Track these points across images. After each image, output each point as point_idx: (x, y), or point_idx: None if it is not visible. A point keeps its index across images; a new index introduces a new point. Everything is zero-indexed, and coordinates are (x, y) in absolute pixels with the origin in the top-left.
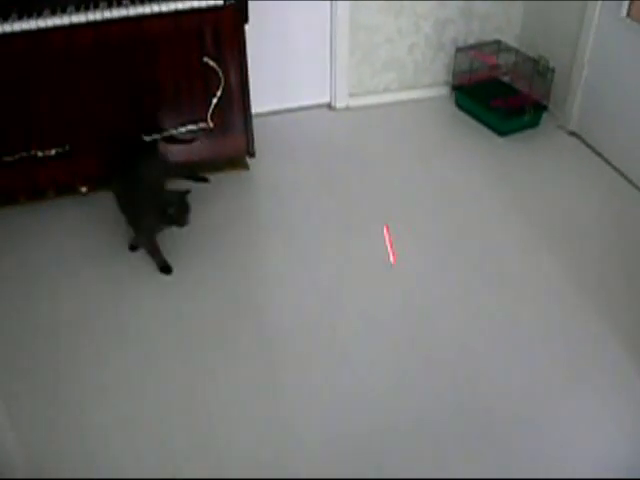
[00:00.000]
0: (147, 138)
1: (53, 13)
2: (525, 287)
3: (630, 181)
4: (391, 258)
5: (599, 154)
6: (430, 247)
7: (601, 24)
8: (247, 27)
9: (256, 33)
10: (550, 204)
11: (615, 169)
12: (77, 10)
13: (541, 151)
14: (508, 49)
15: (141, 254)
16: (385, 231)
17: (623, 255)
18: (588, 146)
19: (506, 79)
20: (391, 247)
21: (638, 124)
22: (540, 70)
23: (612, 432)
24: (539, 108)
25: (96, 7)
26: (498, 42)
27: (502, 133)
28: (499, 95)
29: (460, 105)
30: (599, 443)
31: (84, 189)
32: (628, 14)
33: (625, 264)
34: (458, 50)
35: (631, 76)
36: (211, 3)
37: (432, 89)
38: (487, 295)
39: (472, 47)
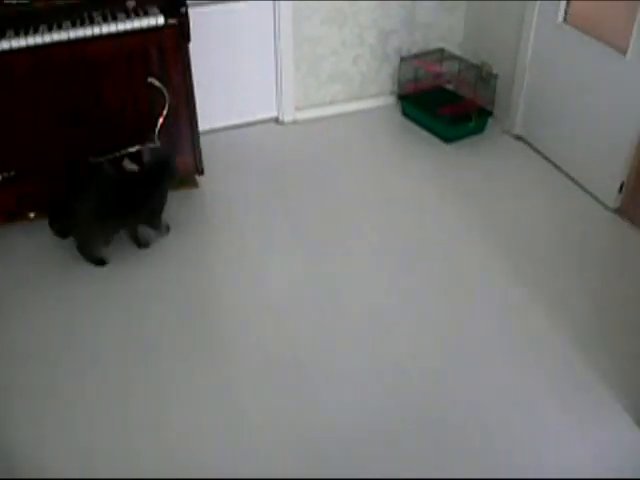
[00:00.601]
0: (93, 160)
1: None
2: (478, 292)
3: (574, 180)
4: None
5: (544, 156)
6: (383, 257)
7: (539, 30)
8: (191, 44)
9: (201, 50)
10: (498, 208)
11: (560, 170)
12: (17, 35)
13: (488, 156)
14: (451, 57)
15: (96, 274)
16: None
17: (575, 254)
18: (533, 149)
19: (450, 86)
20: None
21: (579, 126)
22: (483, 76)
23: (577, 444)
24: (484, 114)
25: (36, 31)
26: (441, 50)
27: (448, 140)
28: (444, 102)
29: (407, 114)
30: (566, 456)
31: (32, 214)
32: (565, 19)
33: (577, 263)
34: (402, 60)
35: (570, 79)
36: (152, 23)
37: (378, 99)
38: (440, 303)
39: (416, 56)
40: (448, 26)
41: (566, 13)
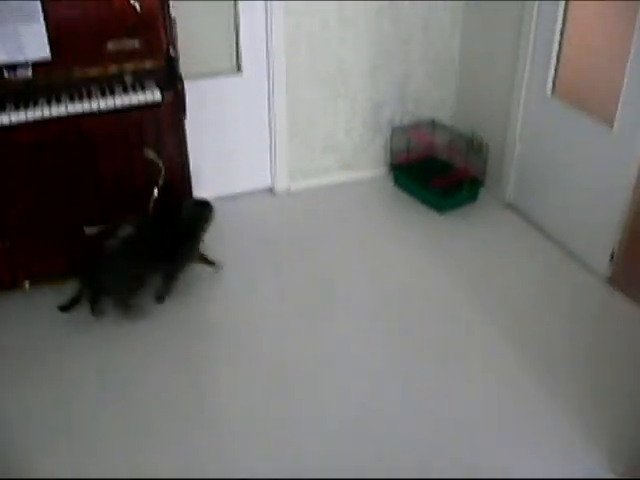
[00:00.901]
0: (88, 230)
1: None
2: (467, 360)
3: (565, 249)
4: None
5: (535, 225)
6: (375, 327)
7: (528, 102)
8: (186, 115)
9: (195, 120)
10: (489, 276)
11: (551, 238)
12: (17, 108)
13: (479, 225)
14: (442, 127)
15: (90, 345)
16: None
17: (566, 322)
18: (525, 218)
19: (443, 157)
20: None
21: (569, 195)
22: (475, 147)
23: None
24: (476, 184)
25: (35, 105)
26: (433, 121)
27: (441, 210)
28: (436, 173)
29: (399, 184)
30: None
31: (27, 284)
32: (553, 92)
33: (569, 331)
34: (394, 130)
35: (560, 150)
36: (149, 98)
37: (371, 169)
38: (430, 370)
39: (408, 127)
40: (439, 98)
41: (554, 86)
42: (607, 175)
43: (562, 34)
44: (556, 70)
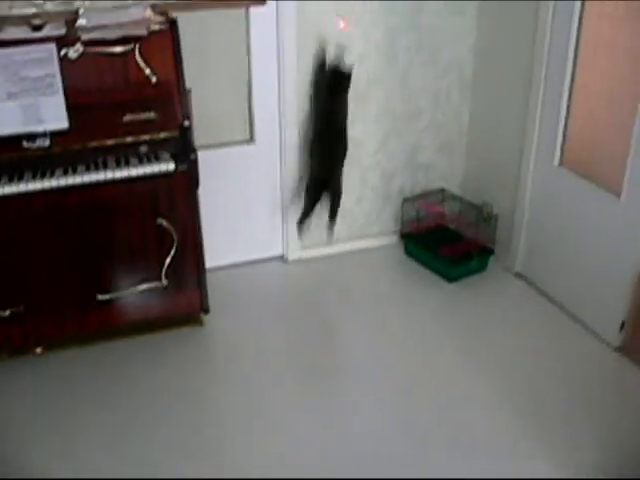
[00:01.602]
0: (101, 297)
1: (10, 180)
2: (477, 430)
3: (575, 318)
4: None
5: (545, 294)
6: (384, 396)
7: (537, 171)
8: (200, 183)
9: (208, 188)
10: (499, 346)
11: (561, 307)
12: (34, 178)
13: (489, 294)
14: (452, 197)
15: (99, 412)
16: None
17: (576, 392)
18: (534, 287)
19: (452, 226)
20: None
21: (579, 265)
22: (484, 216)
23: None
24: (485, 253)
25: (52, 175)
26: (442, 191)
27: (451, 279)
28: (446, 242)
29: (409, 253)
30: None
31: (39, 350)
32: (560, 162)
33: (579, 401)
34: (405, 200)
35: (569, 219)
36: (163, 169)
37: (382, 238)
38: (439, 439)
39: (418, 197)
40: (448, 167)
41: (562, 156)
42: (616, 245)
43: (569, 104)
44: (563, 140)
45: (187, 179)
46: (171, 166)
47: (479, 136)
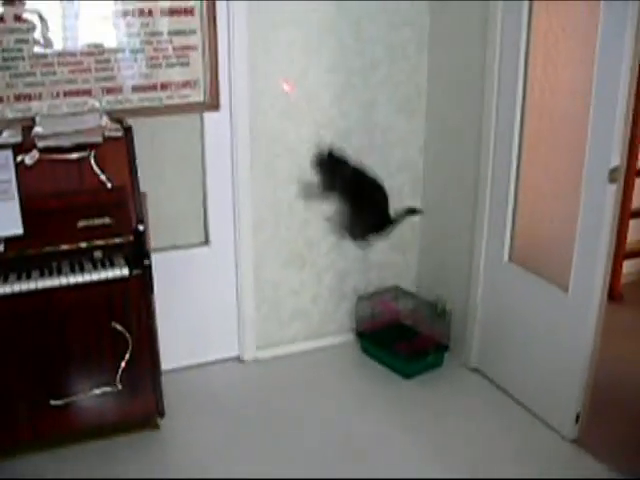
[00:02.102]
0: (54, 402)
1: None
2: None
3: (531, 412)
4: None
5: (501, 388)
6: None
7: (488, 268)
8: (155, 285)
9: (164, 291)
10: (455, 442)
11: (517, 401)
12: None
13: (445, 390)
14: (406, 294)
15: None
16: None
17: None
18: (490, 381)
19: (408, 322)
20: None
21: (532, 358)
22: (438, 312)
23: None
24: (441, 349)
25: (5, 280)
26: (396, 288)
27: (407, 376)
28: (402, 338)
29: (365, 350)
30: None
31: None
32: (510, 259)
33: None
34: (359, 299)
35: (520, 314)
36: (117, 274)
37: (338, 336)
38: None
39: (372, 295)
40: (403, 264)
41: (511, 252)
42: (566, 338)
43: (516, 201)
44: (512, 236)
45: (142, 284)
46: (125, 271)
47: (431, 234)
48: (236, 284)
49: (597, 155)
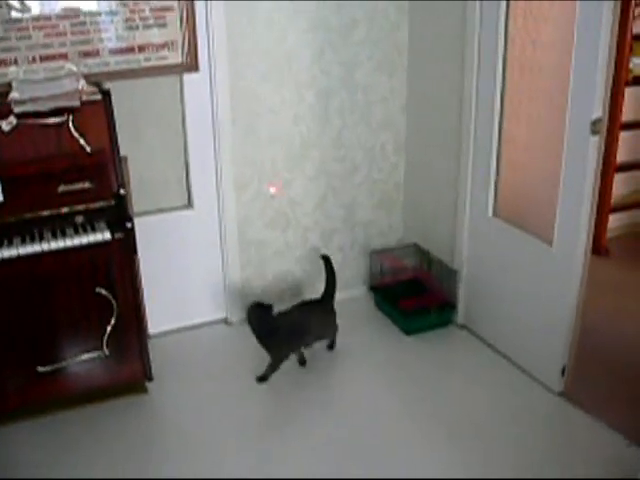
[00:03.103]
0: (42, 369)
1: None
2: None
3: (518, 366)
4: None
5: (488, 343)
6: (334, 446)
7: (473, 223)
8: (139, 249)
9: (149, 255)
10: (443, 396)
11: (503, 356)
12: None
13: (435, 347)
14: (421, 251)
15: None
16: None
17: (520, 439)
18: (477, 337)
19: (421, 280)
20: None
21: (517, 313)
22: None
23: None
24: (446, 307)
25: None
26: (414, 245)
27: (407, 332)
28: (411, 295)
29: (377, 305)
30: None
31: None
32: (494, 213)
33: (523, 447)
34: (372, 254)
35: (505, 268)
36: (99, 238)
37: (345, 291)
38: None
39: (385, 250)
40: (387, 223)
41: (495, 207)
42: (551, 292)
43: (499, 155)
44: (496, 191)
45: (124, 247)
46: (107, 235)
47: (415, 191)
48: (221, 246)
49: (579, 107)
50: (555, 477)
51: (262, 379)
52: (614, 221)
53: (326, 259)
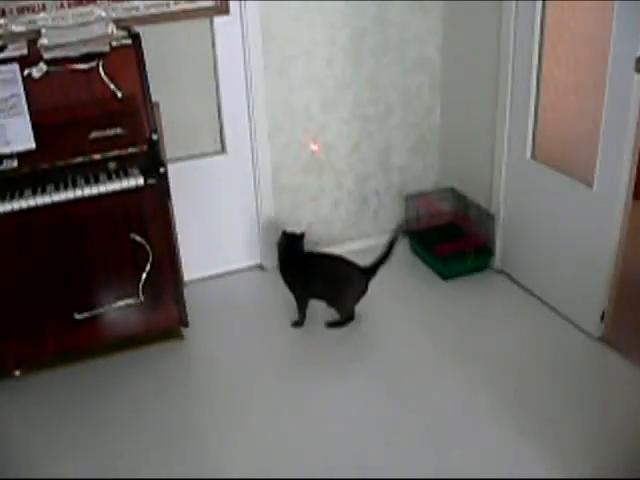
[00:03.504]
0: (78, 316)
1: None
2: (464, 430)
3: (556, 311)
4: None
5: (525, 288)
6: (370, 392)
7: (510, 166)
8: (173, 196)
9: (183, 201)
10: (483, 341)
11: (542, 301)
12: (2, 199)
13: (471, 292)
14: (459, 196)
15: (79, 438)
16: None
17: (560, 384)
18: (514, 282)
19: (460, 224)
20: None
21: (556, 257)
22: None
23: None
24: (483, 252)
25: (21, 195)
26: (452, 189)
27: (444, 277)
28: (448, 240)
29: (414, 250)
30: None
31: (17, 372)
32: (532, 156)
33: (563, 393)
34: (408, 198)
35: (543, 212)
36: (132, 184)
37: (361, 241)
38: (428, 435)
39: (422, 194)
40: (422, 167)
41: (533, 149)
42: (591, 236)
43: (537, 97)
44: (534, 133)
45: (158, 193)
46: (140, 181)
47: (451, 134)
48: (255, 192)
49: (622, 43)
50: (591, 418)
51: (296, 324)
52: None
53: (393, 239)
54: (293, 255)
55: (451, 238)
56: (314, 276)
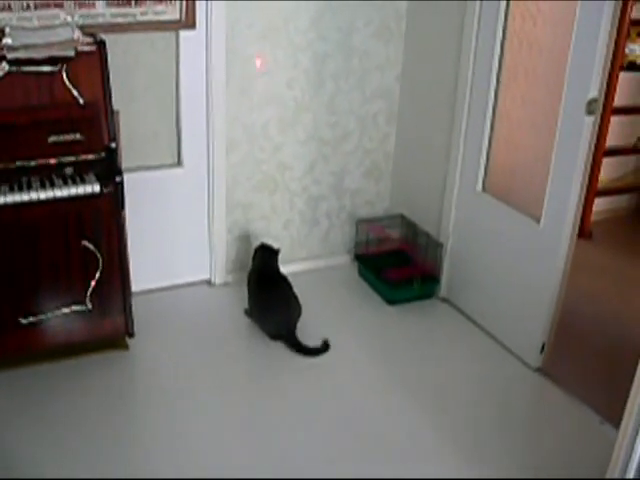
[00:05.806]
0: (24, 320)
1: None
2: (397, 453)
3: (498, 341)
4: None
5: (469, 318)
6: (310, 410)
7: (461, 197)
8: (127, 206)
9: (136, 212)
10: (423, 368)
11: (484, 331)
12: None
13: (417, 318)
14: (408, 223)
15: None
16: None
17: (497, 414)
18: (459, 311)
19: (408, 250)
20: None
21: (500, 289)
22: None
23: None
24: (429, 279)
25: None
26: (400, 216)
27: (389, 302)
28: (395, 266)
29: (360, 274)
30: None
31: None
32: (483, 189)
33: (500, 423)
34: (358, 223)
35: (491, 244)
36: (88, 191)
37: (309, 262)
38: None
39: (372, 220)
40: (375, 192)
41: (485, 182)
42: (535, 269)
43: (491, 131)
44: (486, 166)
45: (113, 201)
46: (96, 188)
47: (405, 162)
48: (208, 207)
49: (575, 85)
50: (525, 448)
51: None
52: (598, 205)
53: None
54: (267, 267)
55: (399, 264)
56: (275, 293)
